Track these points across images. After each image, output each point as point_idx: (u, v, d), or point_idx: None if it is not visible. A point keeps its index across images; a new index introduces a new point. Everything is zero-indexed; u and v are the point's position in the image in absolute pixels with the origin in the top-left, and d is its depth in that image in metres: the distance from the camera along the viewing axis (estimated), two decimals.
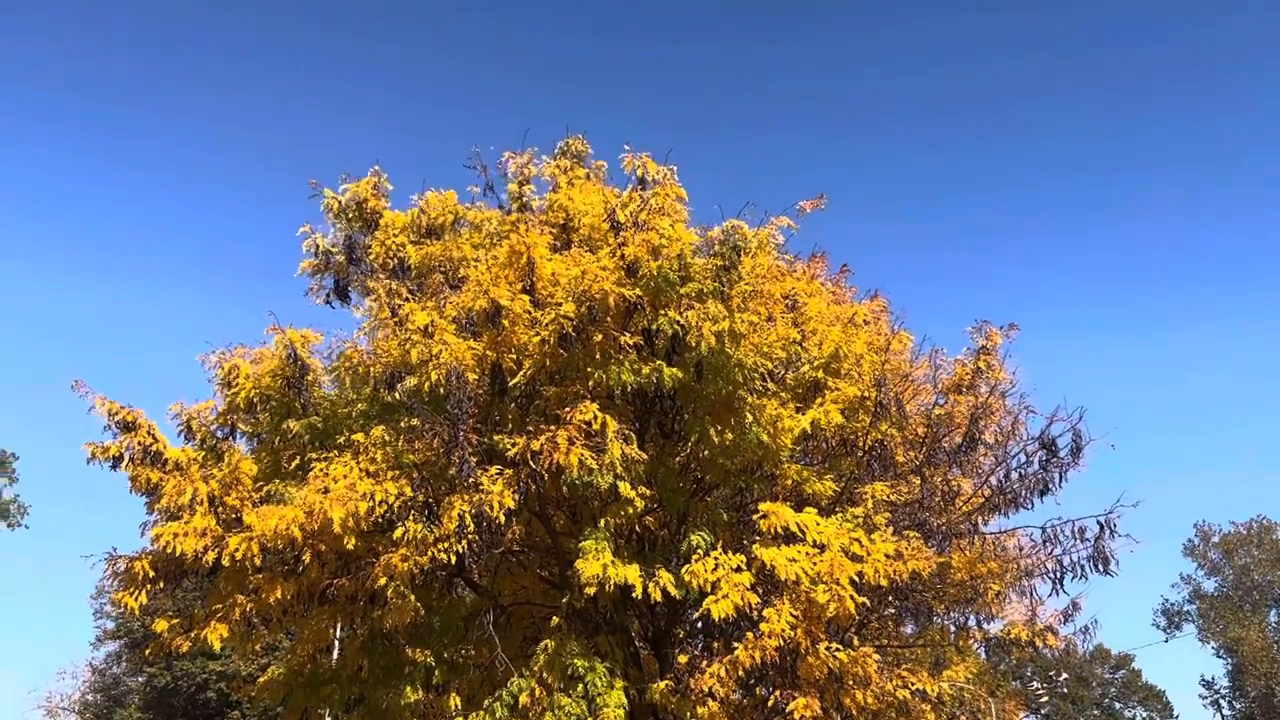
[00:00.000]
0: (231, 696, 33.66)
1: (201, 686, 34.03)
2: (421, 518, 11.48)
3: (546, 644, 11.85)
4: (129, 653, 39.87)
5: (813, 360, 13.34)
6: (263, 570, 12.21)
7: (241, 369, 13.70)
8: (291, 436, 13.22)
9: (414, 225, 14.79)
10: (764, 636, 10.88)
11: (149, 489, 13.32)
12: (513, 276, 12.36)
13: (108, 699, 42.08)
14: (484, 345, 12.01)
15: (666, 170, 13.39)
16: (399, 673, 13.19)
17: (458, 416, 11.30)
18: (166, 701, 35.23)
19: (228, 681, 33.61)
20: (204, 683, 33.96)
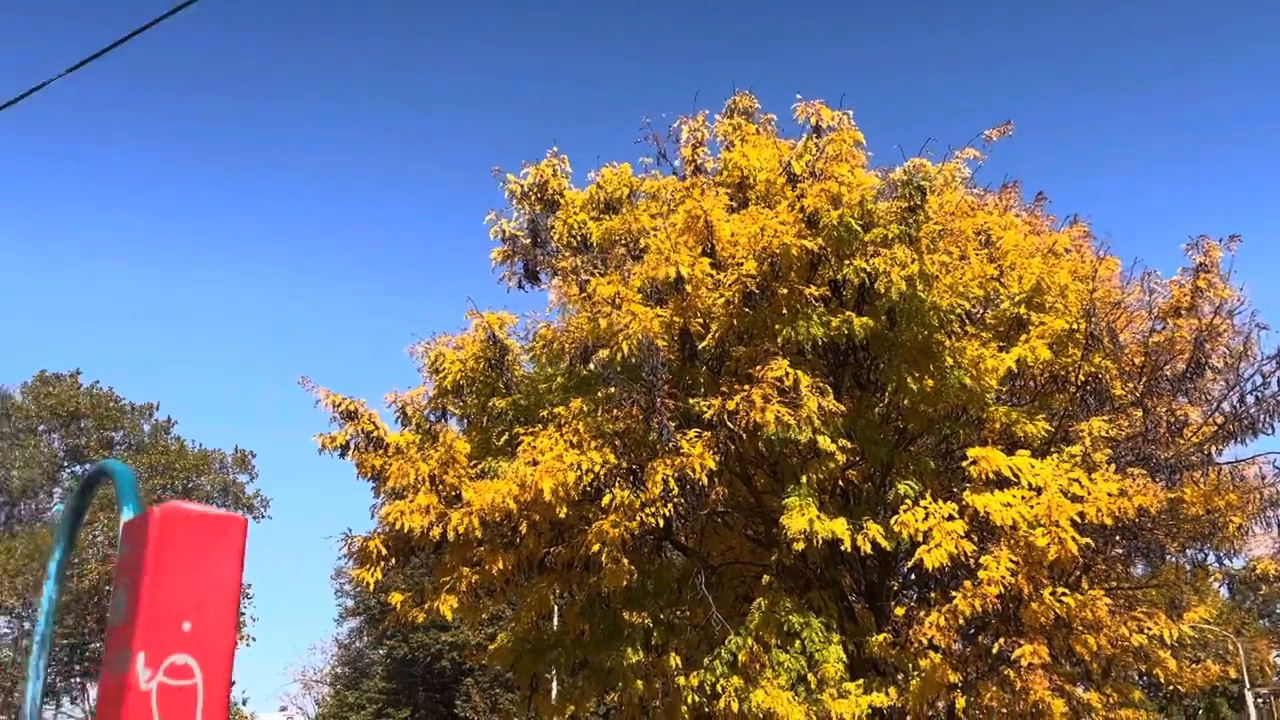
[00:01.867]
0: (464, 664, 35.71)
1: (436, 656, 36.29)
2: (627, 484, 11.75)
3: (760, 602, 11.94)
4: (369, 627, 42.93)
5: (1013, 296, 12.75)
6: (484, 543, 12.84)
7: (447, 355, 14.40)
8: (497, 414, 13.82)
9: (592, 202, 15.06)
10: (983, 584, 10.57)
11: (375, 473, 14.23)
12: (692, 241, 12.40)
13: (354, 671, 45.52)
14: (670, 312, 12.13)
15: (841, 115, 13.04)
16: (619, 635, 13.62)
17: (652, 383, 11.49)
18: (406, 671, 37.82)
19: (459, 650, 35.70)
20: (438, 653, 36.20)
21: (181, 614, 1.98)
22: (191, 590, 1.99)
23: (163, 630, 1.95)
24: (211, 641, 2.00)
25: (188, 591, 1.99)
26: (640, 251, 13.43)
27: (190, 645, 1.96)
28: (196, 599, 2.00)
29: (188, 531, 2.02)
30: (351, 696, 41.92)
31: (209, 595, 2.02)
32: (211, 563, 2.03)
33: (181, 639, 1.96)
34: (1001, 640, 11.34)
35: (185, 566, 1.99)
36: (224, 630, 2.02)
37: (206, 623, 2.00)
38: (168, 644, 1.94)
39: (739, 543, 14.64)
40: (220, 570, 2.04)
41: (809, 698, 11.33)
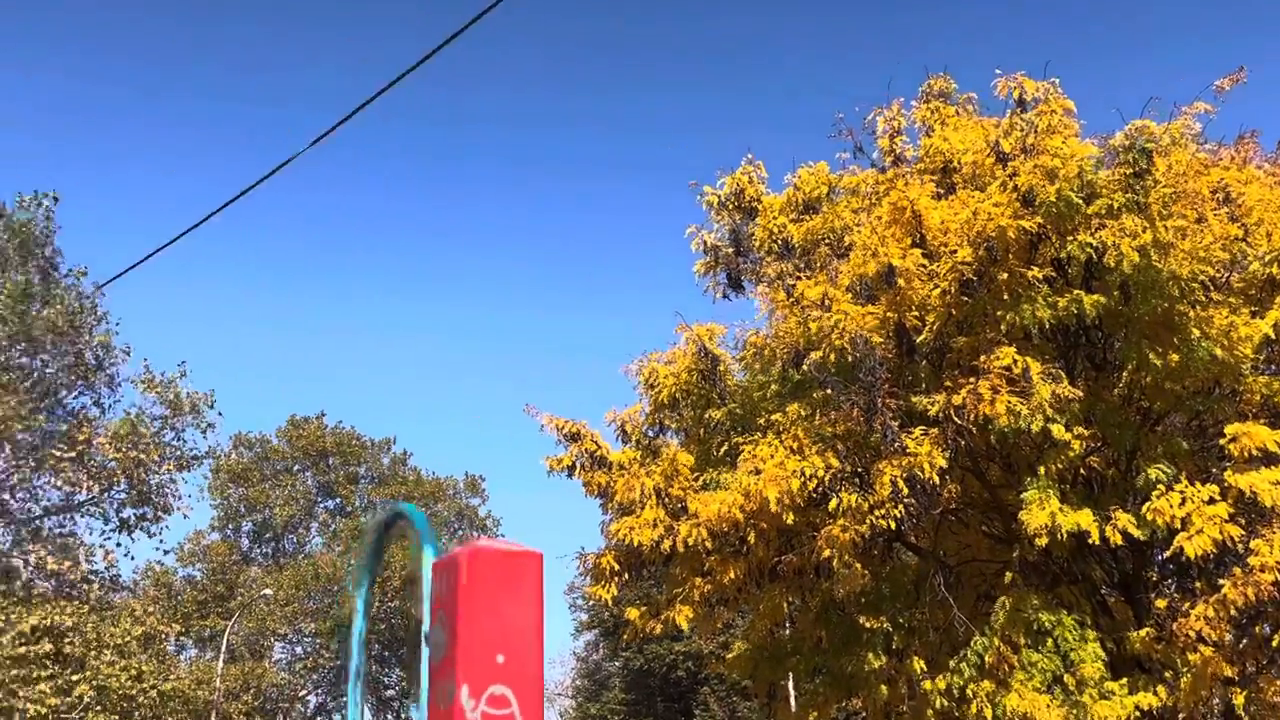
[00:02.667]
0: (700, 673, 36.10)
1: (671, 666, 36.89)
2: (853, 487, 11.59)
3: (1004, 601, 11.47)
4: (604, 640, 44.15)
5: (1262, 255, 11.70)
6: (713, 553, 12.96)
7: (660, 371, 14.65)
8: (714, 425, 13.94)
9: (791, 204, 14.96)
10: (1255, 571, 9.75)
11: (601, 490, 14.66)
12: (899, 233, 12.10)
13: (593, 683, 46.90)
14: (883, 308, 11.88)
15: (1046, 86, 12.41)
16: (857, 640, 13.41)
17: (871, 383, 11.28)
18: (644, 682, 38.62)
19: (693, 660, 36.12)
20: (673, 663, 36.78)
21: (495, 647, 2.13)
22: (501, 624, 2.14)
23: (480, 663, 2.10)
24: (523, 671, 2.14)
25: (498, 625, 2.14)
26: (845, 249, 13.23)
27: (505, 676, 2.11)
28: (506, 632, 2.15)
29: (493, 569, 2.18)
30: (594, 708, 43.20)
31: (517, 627, 2.16)
32: (516, 597, 2.17)
33: (497, 670, 2.11)
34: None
35: (494, 602, 2.14)
36: (533, 660, 2.16)
37: (517, 654, 2.15)
38: (486, 676, 2.09)
39: (976, 540, 14.09)
40: (524, 603, 2.18)
41: (1068, 700, 10.76)
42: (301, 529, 48.32)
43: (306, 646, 44.48)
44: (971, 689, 11.24)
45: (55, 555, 22.33)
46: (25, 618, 19.63)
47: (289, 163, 8.42)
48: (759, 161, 15.46)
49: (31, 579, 22.49)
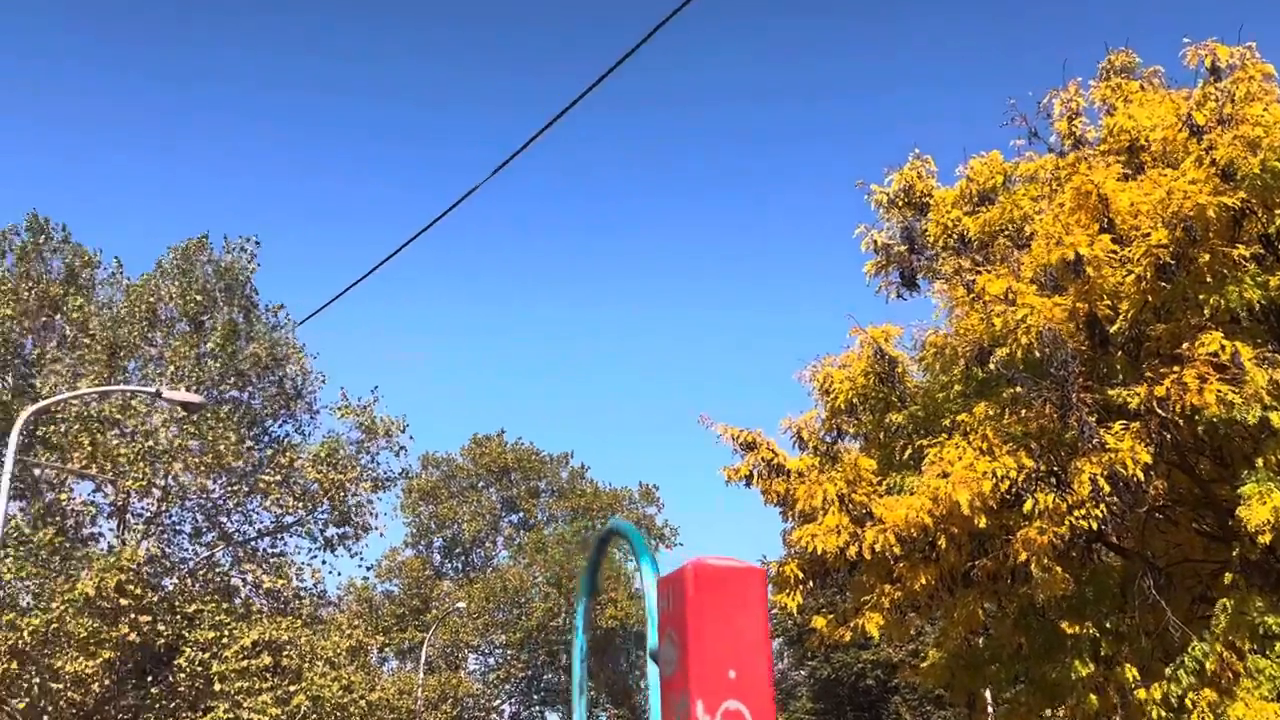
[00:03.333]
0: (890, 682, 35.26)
1: (860, 675, 36.19)
2: (1049, 487, 11.09)
3: (1224, 603, 10.71)
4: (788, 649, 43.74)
5: None
6: (901, 559, 12.65)
7: (835, 375, 14.43)
8: (895, 429, 13.62)
9: (964, 197, 14.49)
10: None
11: (780, 498, 14.55)
12: (1085, 219, 11.51)
13: (780, 692, 46.56)
14: (1071, 298, 11.33)
15: (1242, 51, 11.57)
16: (1060, 647, 12.80)
17: (1063, 377, 10.77)
18: (832, 691, 38.03)
19: (882, 668, 35.32)
20: (861, 671, 36.08)
21: (726, 662, 2.16)
22: (730, 640, 2.18)
23: (713, 678, 2.14)
24: (755, 686, 2.17)
25: (726, 641, 2.18)
26: (1026, 240, 12.70)
27: (738, 691, 2.14)
28: (735, 648, 2.18)
29: (718, 584, 2.22)
30: (782, 718, 42.89)
31: (745, 643, 2.19)
32: (742, 612, 2.21)
33: (730, 685, 2.14)
34: None
35: (721, 617, 2.18)
36: (763, 675, 2.18)
37: (748, 669, 2.17)
38: (719, 691, 2.13)
39: (1187, 539, 13.21)
40: (750, 618, 2.21)
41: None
42: (488, 543, 50.11)
43: (498, 658, 46.04)
44: (1191, 698, 10.55)
45: (269, 574, 23.99)
46: (246, 633, 21.13)
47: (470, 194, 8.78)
48: (927, 156, 15.07)
49: (250, 596, 24.23)
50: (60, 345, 23.48)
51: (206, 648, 20.90)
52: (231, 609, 22.22)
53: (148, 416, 22.42)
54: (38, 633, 18.38)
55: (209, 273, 25.90)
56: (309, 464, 24.57)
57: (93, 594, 18.89)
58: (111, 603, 19.22)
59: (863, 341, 14.09)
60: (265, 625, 21.59)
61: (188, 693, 21.10)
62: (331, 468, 24.63)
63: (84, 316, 23.48)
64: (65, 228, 25.06)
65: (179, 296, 24.95)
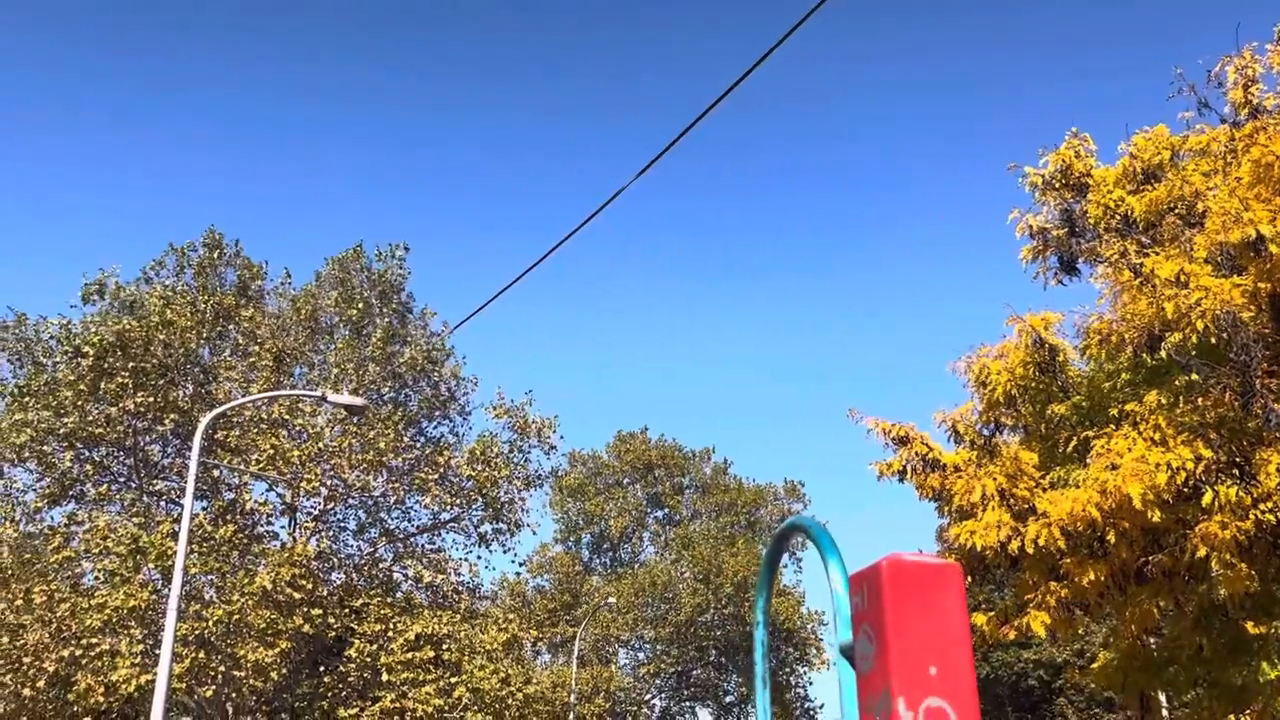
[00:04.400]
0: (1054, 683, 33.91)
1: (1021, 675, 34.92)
2: (1231, 479, 10.44)
3: None
4: None
5: None
6: (1067, 555, 12.15)
7: (991, 367, 13.97)
8: (1058, 421, 13.07)
9: (1127, 175, 13.79)
10: None
11: (936, 493, 14.19)
12: (1265, 193, 10.79)
13: None
14: (1251, 279, 10.64)
15: None
16: (1245, 648, 12.07)
17: (1245, 362, 10.14)
18: (992, 691, 36.80)
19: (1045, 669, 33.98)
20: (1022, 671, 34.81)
21: (925, 659, 2.13)
22: (929, 636, 2.15)
23: (913, 675, 2.11)
24: (958, 684, 2.13)
25: (926, 637, 2.14)
26: (1199, 217, 11.99)
27: (939, 688, 2.11)
28: (935, 644, 2.15)
29: (913, 580, 2.19)
30: None
31: (946, 640, 2.15)
32: (941, 608, 2.17)
33: (930, 682, 2.11)
34: None
35: (919, 613, 2.15)
36: (965, 672, 2.14)
37: (949, 666, 2.14)
38: (920, 688, 2.10)
39: None
40: (950, 615, 2.17)
41: None
42: (634, 539, 50.61)
43: (648, 652, 46.44)
44: None
45: (428, 568, 24.91)
46: (410, 626, 21.99)
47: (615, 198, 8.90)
48: (1085, 134, 14.39)
49: (411, 590, 25.21)
50: (233, 353, 24.98)
51: (374, 640, 21.86)
52: (394, 603, 23.17)
53: (313, 419, 23.62)
54: (221, 623, 19.59)
55: (364, 281, 27.09)
56: (464, 462, 25.39)
57: (269, 587, 20.02)
58: (286, 596, 20.32)
59: (1020, 330, 13.58)
60: (427, 619, 22.41)
61: (357, 682, 22.11)
62: (485, 465, 25.37)
63: (254, 326, 24.91)
64: (238, 242, 26.66)
65: (339, 304, 26.20)
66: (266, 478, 22.82)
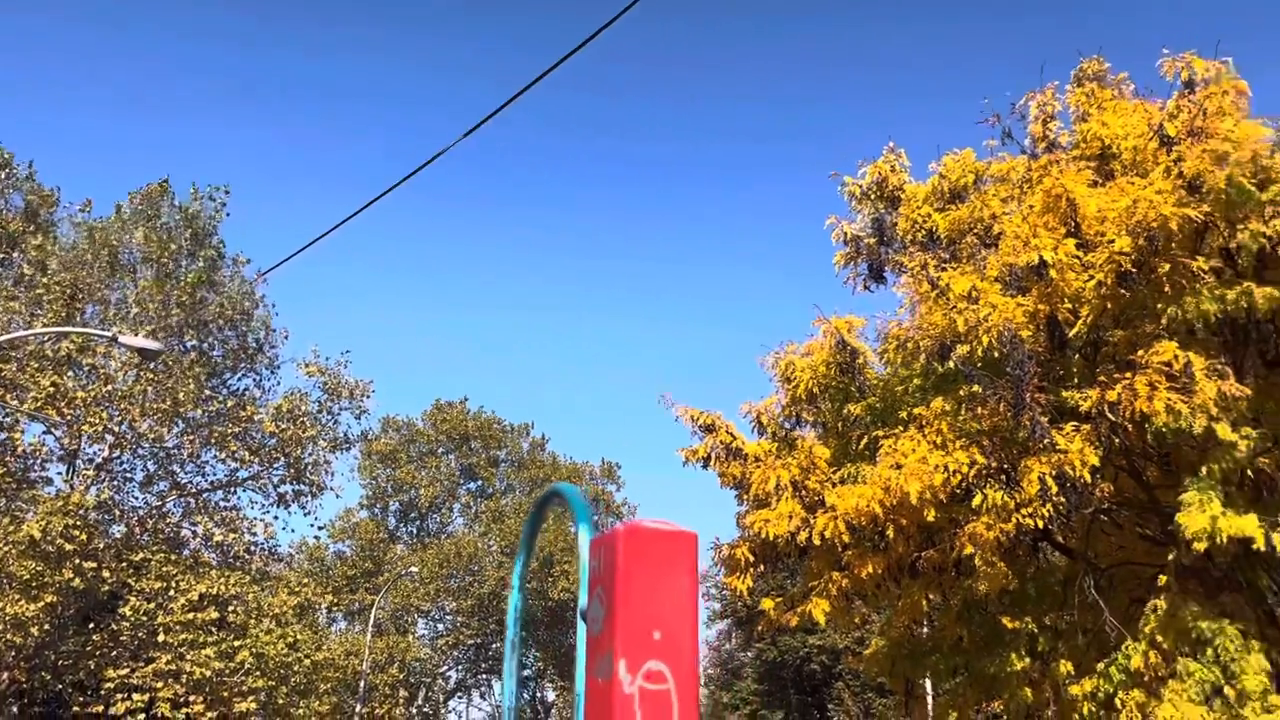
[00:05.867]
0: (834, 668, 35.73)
1: (805, 659, 36.61)
2: (999, 484, 11.25)
3: (1156, 605, 10.95)
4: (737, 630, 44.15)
5: None
6: (850, 547, 12.80)
7: (797, 363, 14.52)
8: (853, 419, 13.73)
9: (935, 193, 14.58)
10: None
11: (736, 482, 14.65)
12: (1053, 222, 11.64)
13: (725, 672, 46.96)
14: (1033, 300, 11.47)
15: (1218, 65, 11.71)
16: (999, 641, 13.04)
17: (1019, 377, 10.92)
18: (776, 674, 38.45)
19: (828, 654, 35.76)
20: (806, 656, 36.50)
21: (651, 624, 2.20)
22: (657, 601, 2.21)
23: (637, 638, 2.18)
24: (679, 648, 2.21)
25: (654, 602, 2.21)
26: (994, 239, 12.83)
27: (661, 652, 2.18)
28: (663, 609, 2.22)
29: (649, 547, 2.25)
30: (726, 697, 43.32)
31: (673, 605, 2.23)
32: (672, 575, 2.24)
33: (653, 646, 2.18)
34: None
35: (650, 579, 2.22)
36: (688, 637, 2.22)
37: (673, 631, 2.21)
38: (643, 651, 2.17)
39: (1130, 542, 13.48)
40: (680, 581, 2.25)
41: (1227, 713, 10.19)
42: (444, 509, 50.02)
43: (448, 624, 46.08)
44: (1121, 697, 10.79)
45: (220, 527, 23.81)
46: (194, 585, 20.97)
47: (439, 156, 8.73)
48: (901, 150, 15.15)
49: (199, 548, 24.04)
50: (17, 284, 23.05)
51: (152, 598, 20.74)
52: (179, 560, 22.04)
53: (106, 360, 22.13)
54: None
55: (176, 220, 25.51)
56: (269, 419, 24.38)
57: (38, 536, 18.66)
58: (56, 547, 19.00)
59: (826, 331, 14.18)
60: (213, 579, 21.43)
61: (130, 642, 20.93)
62: (291, 424, 24.44)
63: (43, 256, 23.07)
64: (31, 164, 24.61)
65: (147, 241, 24.54)
66: (43, 418, 21.21)
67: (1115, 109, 13.01)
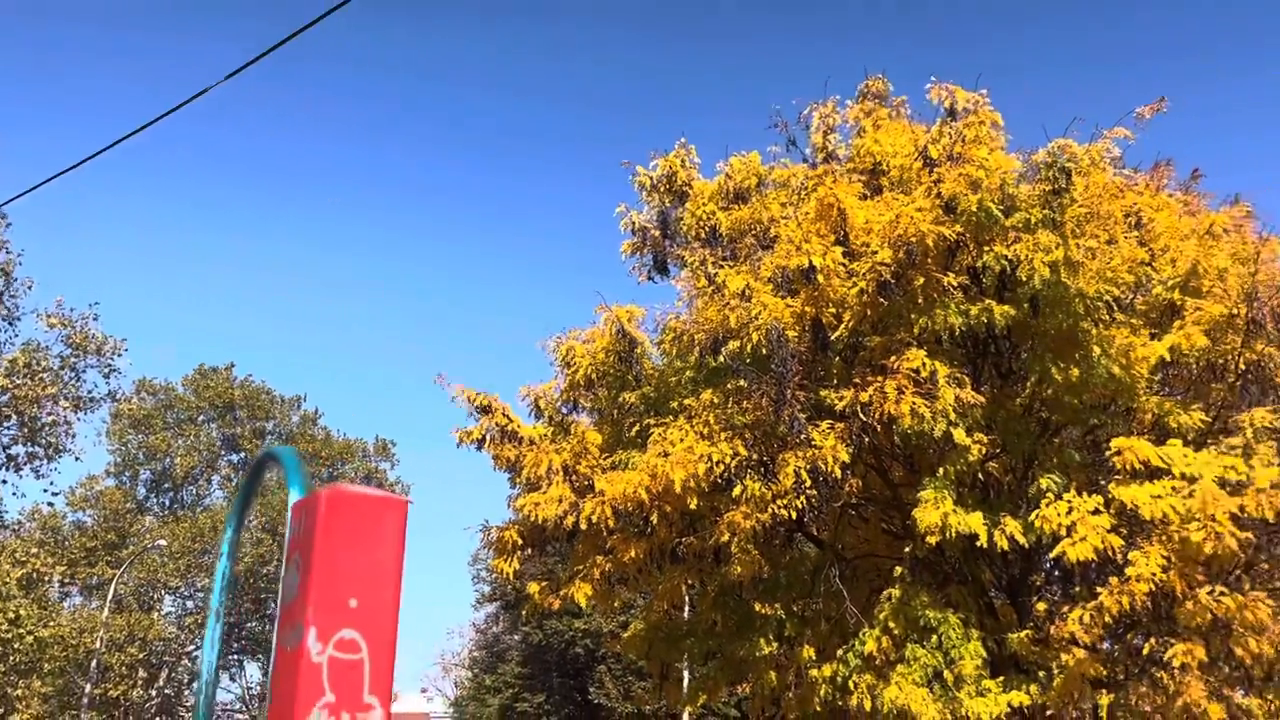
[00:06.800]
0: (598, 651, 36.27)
1: (570, 643, 36.97)
2: (758, 476, 11.72)
3: (890, 594, 11.75)
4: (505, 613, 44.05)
5: (1165, 280, 12.13)
6: (616, 532, 13.00)
7: (577, 349, 14.60)
8: (628, 407, 13.95)
9: (721, 192, 15.01)
10: (1131, 581, 10.12)
11: (509, 465, 14.58)
12: (824, 229, 12.23)
13: (491, 655, 46.76)
14: (801, 302, 12.01)
15: (977, 97, 12.65)
16: (751, 626, 13.61)
17: (783, 374, 11.40)
18: (541, 657, 38.62)
19: (593, 638, 36.26)
20: (572, 639, 36.87)
21: (349, 591, 2.09)
22: (357, 568, 2.11)
23: (332, 607, 2.06)
24: (376, 618, 2.11)
25: (354, 570, 2.11)
26: (770, 241, 13.33)
27: (357, 621, 2.08)
28: (362, 577, 2.11)
29: (353, 512, 2.14)
30: (489, 680, 43.11)
31: (373, 573, 2.13)
32: (375, 542, 2.14)
33: (349, 615, 2.08)
34: (1153, 640, 10.83)
35: (351, 546, 2.11)
36: (388, 607, 2.13)
37: (372, 600, 2.12)
38: (337, 620, 2.06)
39: (875, 536, 14.40)
40: (383, 549, 2.15)
41: (945, 695, 11.07)
42: (202, 481, 47.19)
43: (199, 601, 43.50)
44: (854, 680, 11.48)
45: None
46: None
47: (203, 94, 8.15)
48: (692, 146, 15.49)
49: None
50: None
51: None
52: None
53: None
54: None
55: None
56: (1, 373, 22.16)
57: None
58: None
59: (607, 319, 14.32)
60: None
61: None
62: (28, 380, 22.32)
63: None
64: None
65: None
66: None
67: (889, 128, 13.82)
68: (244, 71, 7.81)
